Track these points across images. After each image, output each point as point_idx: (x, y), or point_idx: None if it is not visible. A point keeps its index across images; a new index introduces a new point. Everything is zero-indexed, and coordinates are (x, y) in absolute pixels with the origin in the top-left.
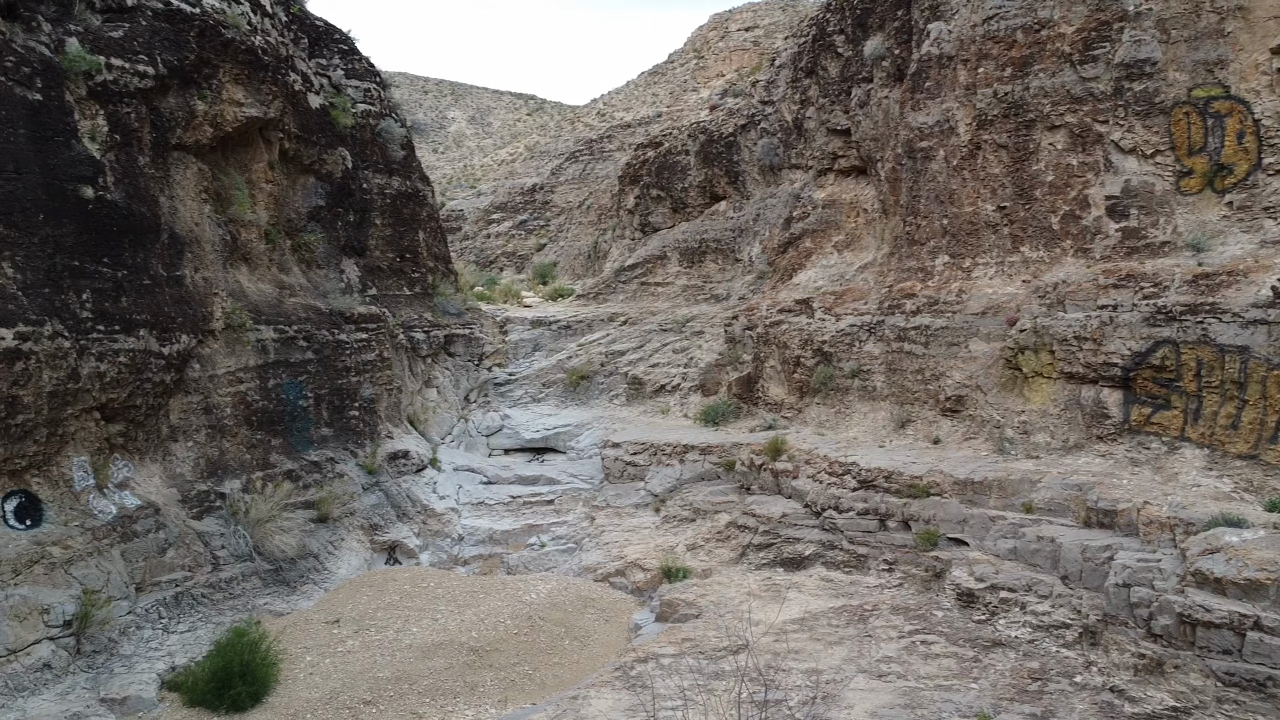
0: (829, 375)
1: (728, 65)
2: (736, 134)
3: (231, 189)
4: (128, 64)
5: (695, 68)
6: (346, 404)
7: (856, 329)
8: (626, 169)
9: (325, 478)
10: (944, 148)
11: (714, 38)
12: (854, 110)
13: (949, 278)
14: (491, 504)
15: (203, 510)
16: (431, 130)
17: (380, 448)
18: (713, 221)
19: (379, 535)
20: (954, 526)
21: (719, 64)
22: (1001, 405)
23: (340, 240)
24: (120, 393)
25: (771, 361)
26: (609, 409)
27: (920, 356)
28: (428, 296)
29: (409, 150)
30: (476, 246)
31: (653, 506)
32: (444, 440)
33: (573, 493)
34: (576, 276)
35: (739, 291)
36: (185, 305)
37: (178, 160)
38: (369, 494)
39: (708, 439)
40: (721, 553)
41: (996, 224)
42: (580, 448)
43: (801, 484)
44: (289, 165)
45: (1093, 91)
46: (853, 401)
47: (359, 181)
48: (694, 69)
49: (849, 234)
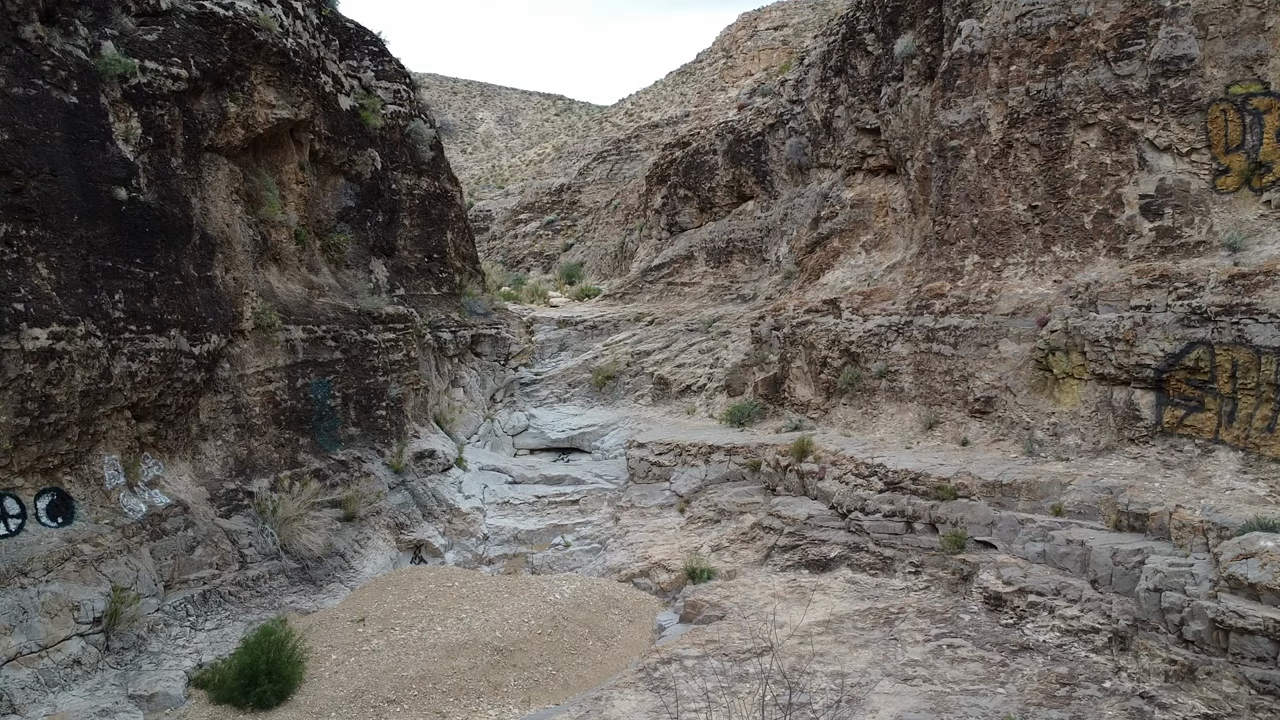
0: (856, 376)
1: (756, 65)
2: (765, 133)
3: (262, 190)
4: (162, 67)
5: (724, 67)
6: (374, 403)
7: (885, 329)
8: (654, 169)
9: (352, 477)
10: (975, 146)
11: (743, 37)
12: (883, 109)
13: (979, 278)
14: (517, 504)
15: (231, 509)
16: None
17: (407, 447)
18: (740, 221)
19: (405, 534)
20: (982, 529)
21: (748, 63)
22: (1031, 407)
23: (369, 241)
24: (151, 392)
25: (798, 362)
26: (634, 409)
27: (949, 357)
28: (455, 297)
29: (438, 151)
30: (504, 246)
31: (678, 507)
32: (470, 440)
33: (598, 493)
34: (603, 276)
35: (766, 291)
36: (216, 305)
37: (210, 162)
38: (395, 493)
39: (733, 440)
40: (746, 554)
41: (1028, 223)
42: (605, 448)
43: (828, 485)
44: (319, 166)
45: (1127, 89)
46: (880, 402)
47: (388, 182)
48: (722, 68)
49: (877, 234)
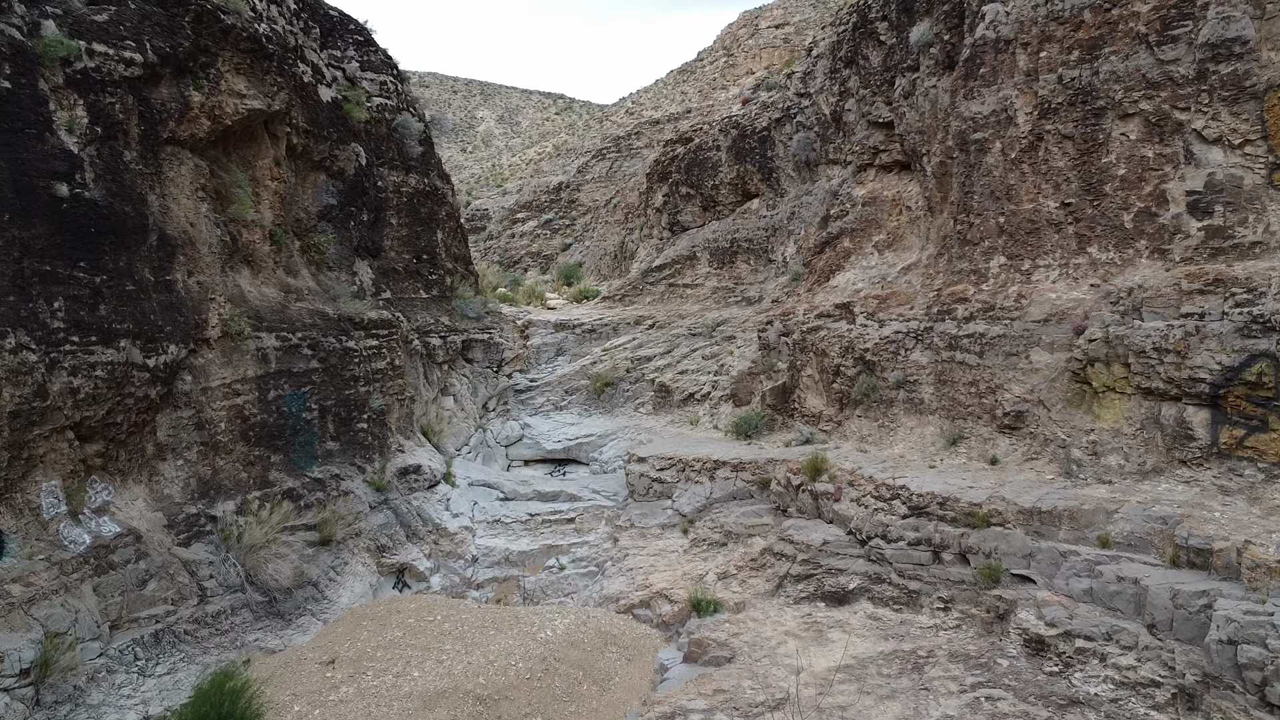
0: (872, 386)
1: (757, 63)
2: (770, 128)
3: (233, 187)
4: (113, 50)
5: (725, 65)
6: (354, 416)
7: (902, 336)
8: (655, 166)
9: (329, 496)
10: (1001, 139)
11: (744, 35)
12: (898, 102)
13: (1006, 281)
14: (508, 522)
15: (191, 536)
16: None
17: (390, 463)
18: (745, 220)
19: (387, 558)
20: (1019, 561)
21: (749, 61)
22: (1067, 423)
23: (353, 241)
24: (97, 410)
25: (809, 370)
26: (635, 418)
27: (974, 367)
28: (446, 300)
29: (427, 146)
30: (501, 246)
31: (680, 527)
32: (460, 452)
33: (595, 510)
34: (602, 277)
35: (772, 294)
36: (176, 312)
37: (171, 156)
38: (377, 513)
39: (740, 454)
40: (756, 583)
41: (1060, 222)
42: (604, 459)
43: (845, 508)
44: (298, 162)
45: (1172, 75)
46: (898, 415)
47: (373, 179)
48: (724, 67)
49: (891, 233)
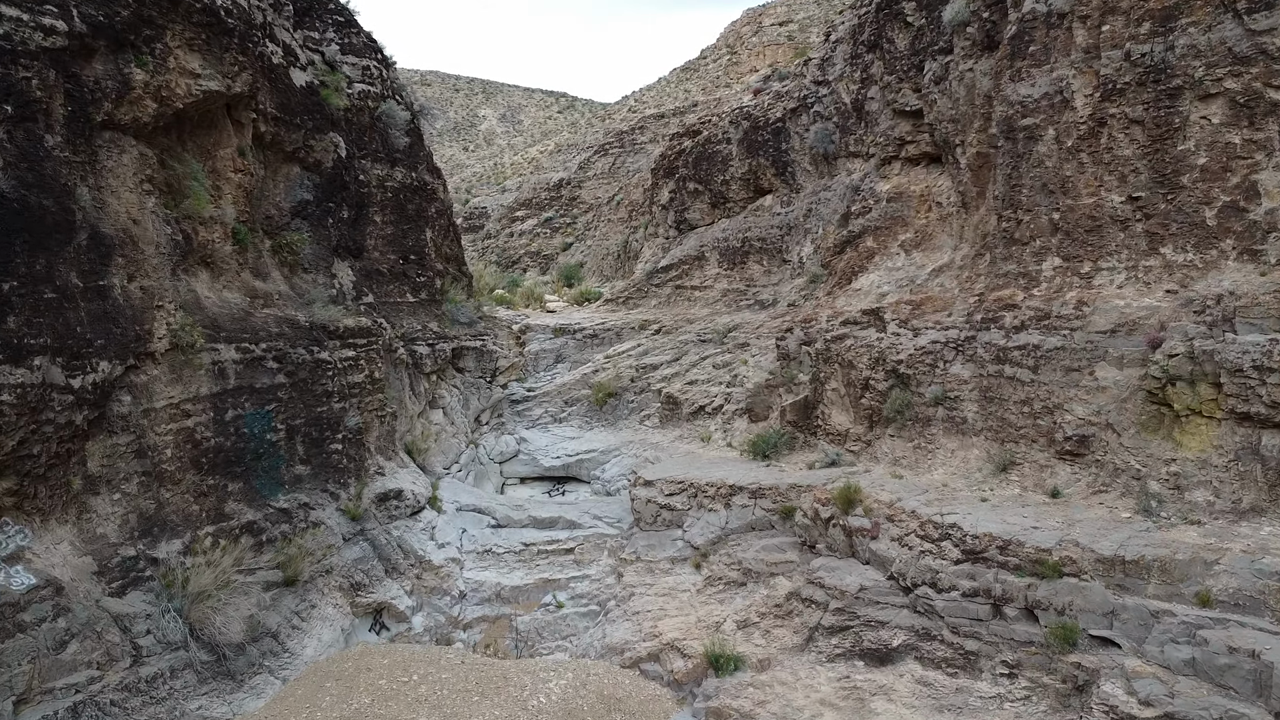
0: (906, 402)
1: (761, 60)
2: (785, 119)
3: (187, 179)
4: (28, 16)
5: (728, 63)
6: (327, 436)
7: (940, 346)
8: (660, 161)
9: (296, 529)
10: (1054, 125)
11: (747, 33)
12: (927, 88)
13: (1061, 285)
14: (500, 552)
15: (127, 583)
16: (463, 128)
17: (368, 487)
18: (757, 218)
19: (362, 596)
20: (1099, 620)
21: (752, 59)
22: (1142, 451)
23: (331, 240)
24: (7, 440)
25: (834, 383)
26: (640, 432)
27: (1027, 384)
28: (435, 303)
29: (415, 137)
30: (499, 245)
31: (692, 562)
32: (449, 471)
33: (596, 540)
34: (605, 278)
35: (788, 297)
36: (110, 323)
37: (110, 142)
38: (352, 545)
39: (758, 477)
40: (782, 634)
41: (1126, 219)
42: (606, 478)
43: (884, 548)
44: (267, 152)
45: (1265, 49)
46: (936, 435)
47: (355, 172)
48: (727, 65)
49: (919, 231)
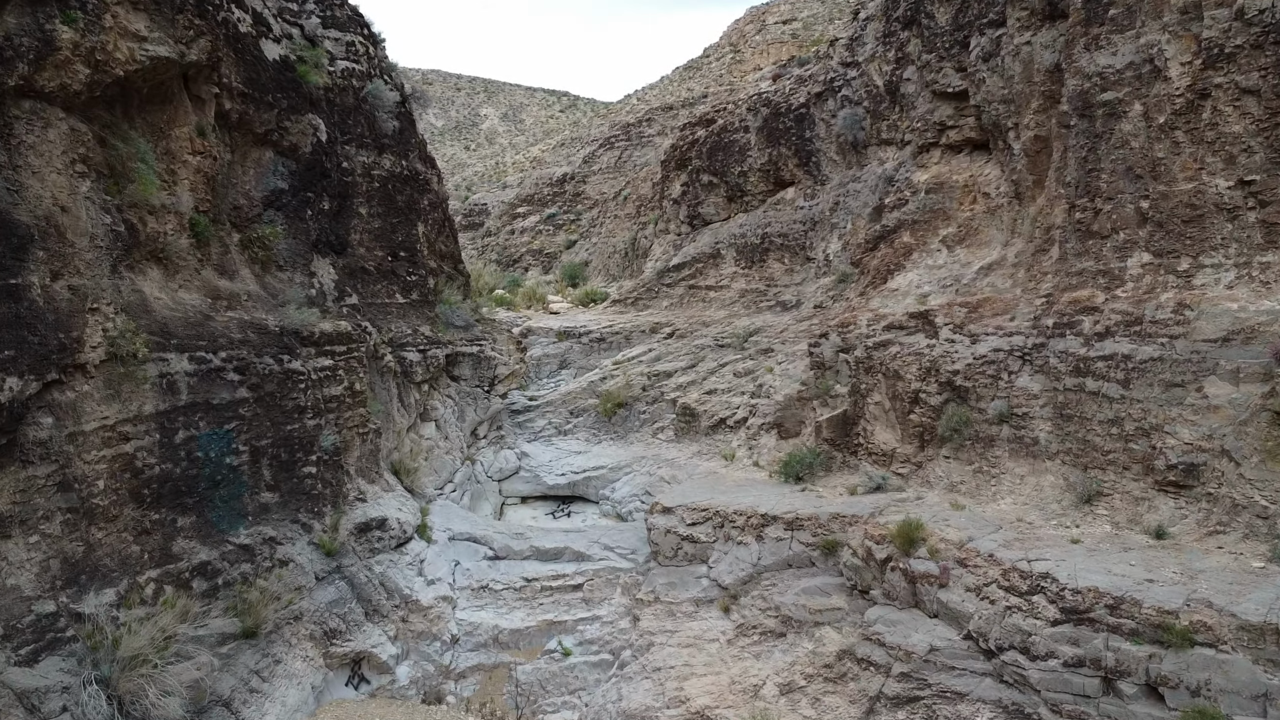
0: (963, 419)
1: (765, 58)
2: (809, 105)
3: (132, 160)
4: None
5: (731, 62)
6: (299, 458)
7: (1004, 355)
8: (671, 152)
9: (259, 569)
10: (1142, 99)
11: (751, 31)
12: (974, 66)
13: (1153, 285)
14: (498, 589)
15: (41, 648)
16: (464, 127)
17: (346, 516)
18: (778, 212)
19: (338, 645)
20: (1248, 704)
21: (756, 57)
22: (1270, 484)
23: (310, 234)
24: None
25: (877, 396)
26: (653, 446)
27: (1116, 400)
28: (427, 305)
29: (405, 122)
30: (499, 244)
31: (720, 604)
32: (442, 492)
33: (608, 575)
34: (611, 278)
35: (814, 298)
36: (25, 330)
37: (30, 114)
38: (326, 586)
39: (794, 505)
40: (835, 703)
41: (1236, 207)
42: (616, 498)
43: (957, 599)
44: (234, 134)
45: None
46: (1001, 458)
47: (337, 159)
48: (730, 63)
49: (963, 225)
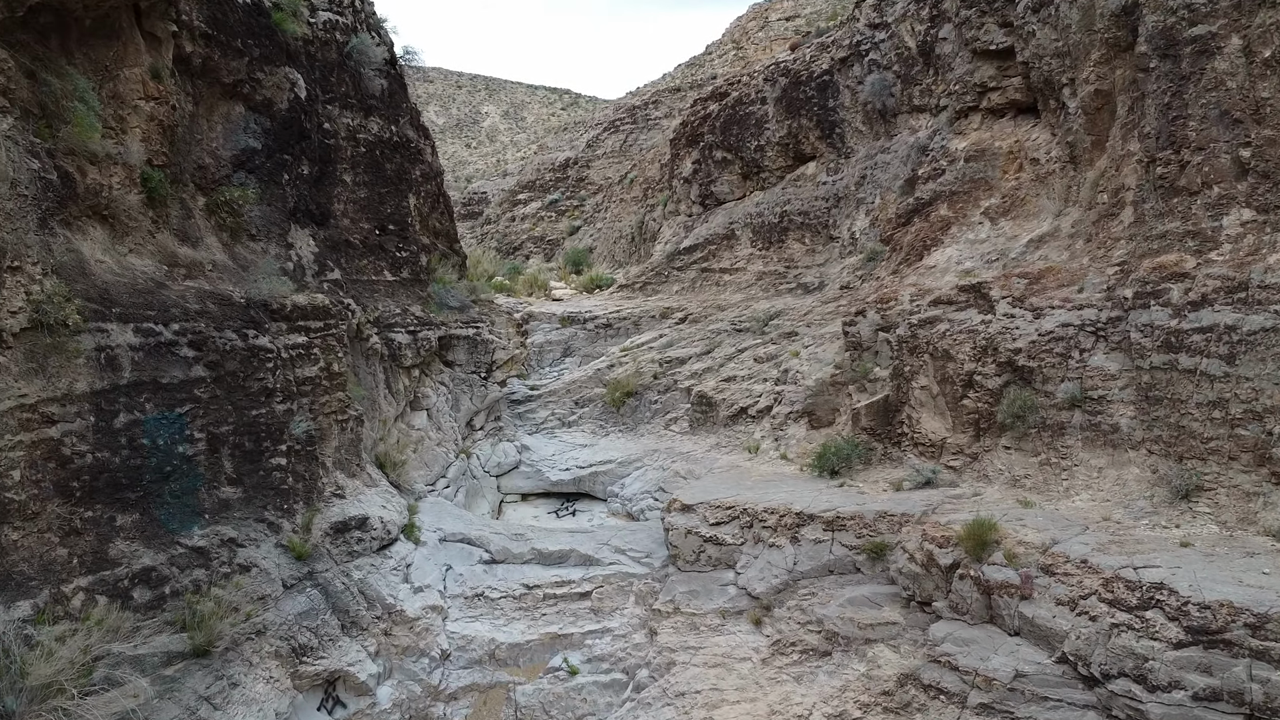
0: (1027, 404)
1: (767, 56)
2: (833, 72)
3: (69, 99)
4: None
5: (734, 59)
6: (266, 448)
7: (1074, 331)
8: (682, 128)
9: (216, 575)
10: (1242, 31)
11: (753, 28)
12: (1022, 18)
13: (1257, 245)
14: (495, 598)
15: None
16: (465, 125)
17: (320, 515)
18: (798, 189)
19: (308, 664)
20: None
21: (759, 54)
22: None
23: (287, 201)
24: None
25: (923, 379)
26: (666, 439)
27: (1219, 379)
28: (419, 284)
29: (395, 83)
30: (499, 231)
31: (751, 616)
32: (433, 488)
33: (619, 581)
34: (617, 263)
35: (839, 278)
36: None
37: None
38: (296, 594)
39: (832, 502)
40: None
41: None
42: (626, 495)
43: (1046, 614)
44: (197, 82)
45: None
46: (1073, 448)
47: (318, 119)
48: (732, 60)
49: (1007, 196)
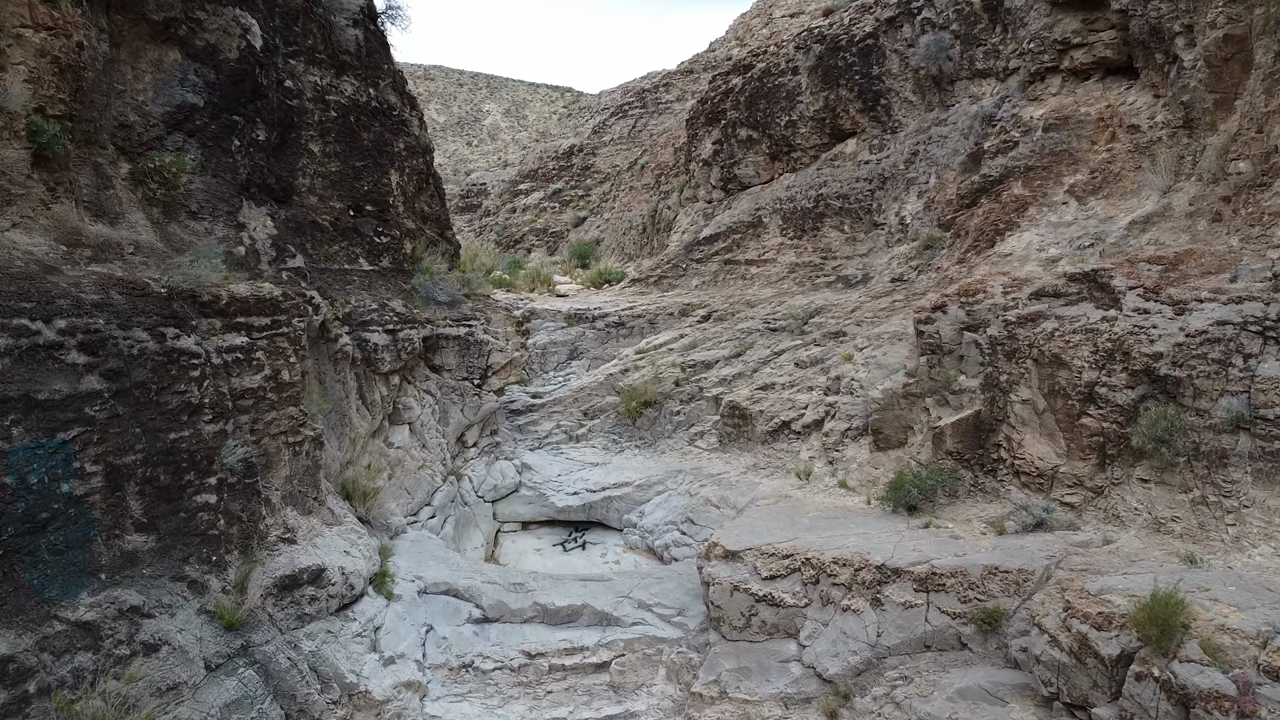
0: (1175, 425)
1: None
2: (878, 34)
3: None
4: None
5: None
6: (188, 483)
7: (1234, 330)
8: (700, 106)
9: (108, 660)
10: None
11: (757, 25)
12: None
13: None
14: (487, 669)
15: None
16: (466, 123)
17: (261, 567)
18: (835, 169)
19: None
20: None
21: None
22: None
23: (239, 172)
24: None
25: (1025, 391)
26: (691, 457)
27: None
28: (401, 274)
29: (375, 41)
30: (499, 224)
31: (824, 707)
32: (416, 518)
33: (645, 647)
34: (628, 256)
35: (888, 270)
36: None
37: None
38: (222, 679)
39: (921, 550)
40: None
41: None
42: (646, 525)
43: None
44: (115, 17)
45: None
46: (1241, 483)
47: (278, 75)
48: None
49: (1098, 170)
